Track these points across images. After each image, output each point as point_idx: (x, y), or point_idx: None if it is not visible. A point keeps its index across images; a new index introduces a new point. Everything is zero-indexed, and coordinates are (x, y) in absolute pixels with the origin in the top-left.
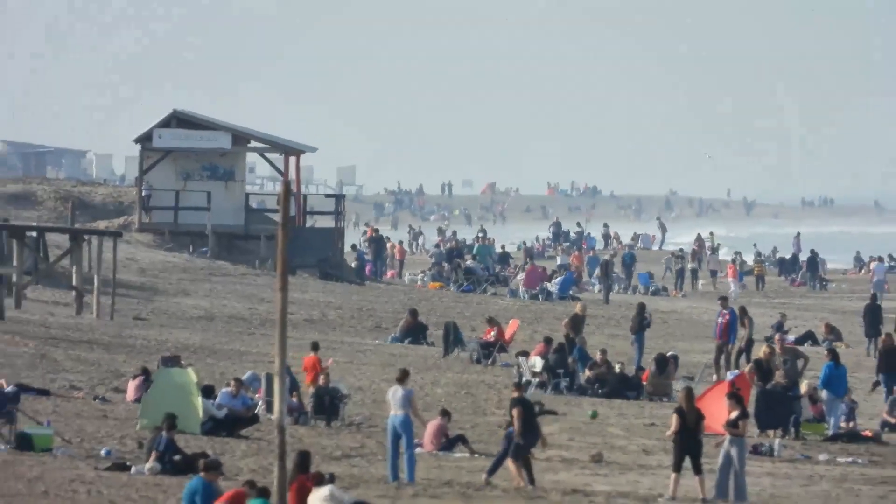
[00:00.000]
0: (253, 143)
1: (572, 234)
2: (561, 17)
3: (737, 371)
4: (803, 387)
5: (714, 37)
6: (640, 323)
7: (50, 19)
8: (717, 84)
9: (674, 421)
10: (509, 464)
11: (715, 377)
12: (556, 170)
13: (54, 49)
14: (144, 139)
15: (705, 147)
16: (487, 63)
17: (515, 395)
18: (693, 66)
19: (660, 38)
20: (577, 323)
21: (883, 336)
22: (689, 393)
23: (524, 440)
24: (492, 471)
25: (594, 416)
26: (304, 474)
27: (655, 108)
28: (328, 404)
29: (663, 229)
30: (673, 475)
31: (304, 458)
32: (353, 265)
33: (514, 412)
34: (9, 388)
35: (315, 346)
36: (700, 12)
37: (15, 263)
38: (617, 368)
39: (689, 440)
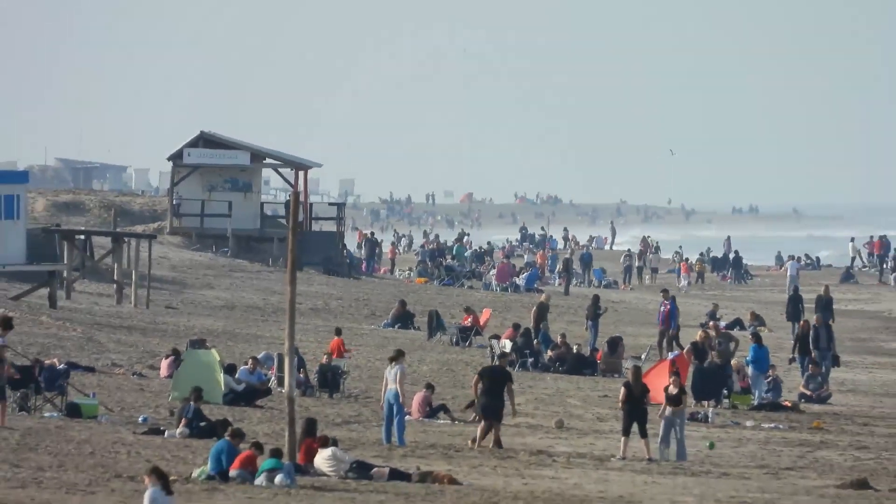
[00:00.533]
0: (268, 160)
1: (537, 237)
2: (522, 41)
3: (677, 351)
4: (734, 364)
5: (665, 57)
6: (595, 311)
7: (93, 48)
8: (666, 105)
9: (622, 393)
10: (480, 426)
11: (658, 357)
12: (524, 182)
13: (99, 75)
14: (176, 156)
15: (653, 161)
16: (462, 91)
17: (498, 363)
18: (642, 85)
19: (614, 60)
20: (541, 311)
21: (801, 322)
22: (636, 370)
23: (483, 400)
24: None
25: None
26: (311, 437)
27: (610, 125)
28: (330, 379)
29: (613, 233)
30: (623, 439)
31: (311, 425)
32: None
33: (476, 379)
34: (61, 366)
35: (338, 331)
36: (653, 30)
37: (66, 261)
38: (575, 349)
39: (635, 409)
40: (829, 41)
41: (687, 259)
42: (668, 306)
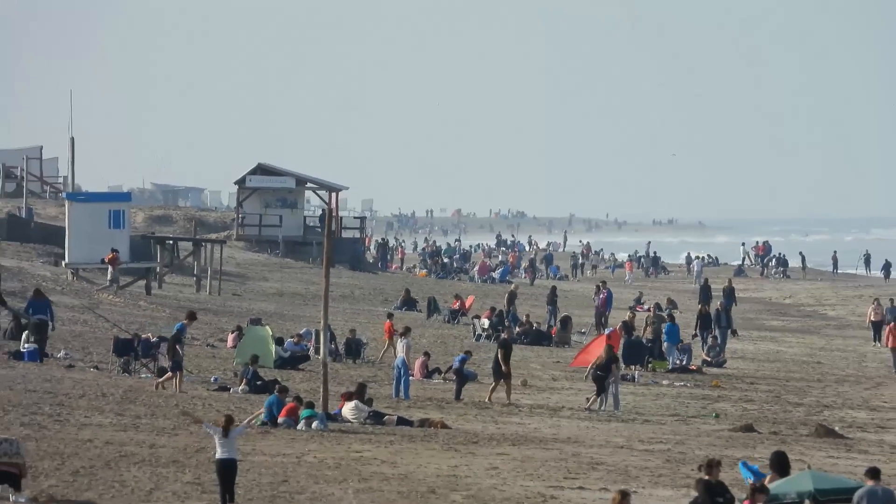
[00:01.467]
0: (309, 185)
1: (509, 242)
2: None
3: (611, 328)
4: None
5: (605, 87)
6: (553, 298)
7: (180, 98)
8: (602, 133)
9: (594, 364)
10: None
11: (597, 332)
12: (499, 200)
13: (183, 117)
14: (240, 181)
15: (595, 184)
16: (456, 130)
17: (504, 336)
18: (592, 119)
19: (570, 88)
20: (511, 297)
21: (700, 306)
22: (609, 350)
23: (497, 366)
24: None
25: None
26: (360, 397)
27: (564, 154)
28: (354, 349)
29: (565, 239)
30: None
31: (361, 388)
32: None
33: (500, 351)
34: (154, 339)
35: (390, 315)
36: (605, 54)
37: (158, 260)
38: (535, 326)
39: (601, 377)
40: (733, 76)
41: (630, 258)
42: (606, 294)
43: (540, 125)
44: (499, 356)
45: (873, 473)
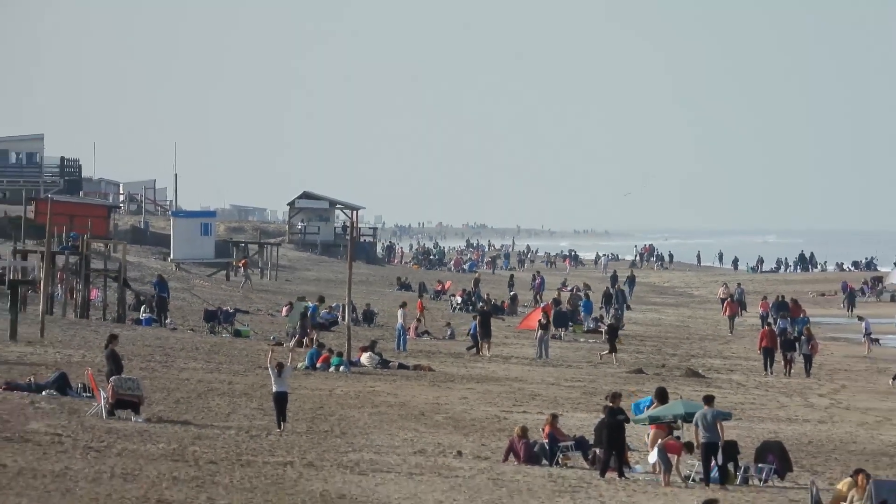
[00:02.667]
0: (338, 206)
1: (474, 244)
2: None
3: (544, 302)
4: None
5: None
6: (510, 282)
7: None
8: (541, 155)
9: (540, 323)
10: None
11: (534, 305)
12: (468, 214)
13: (248, 154)
14: (291, 203)
15: (536, 203)
16: (440, 157)
17: (484, 308)
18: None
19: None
20: (476, 282)
21: (606, 287)
22: (546, 315)
23: (480, 330)
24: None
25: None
26: (363, 347)
27: (515, 176)
28: (368, 317)
29: (513, 243)
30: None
31: (373, 343)
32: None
33: (478, 318)
34: (231, 310)
35: (420, 294)
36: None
37: (234, 257)
38: (493, 302)
39: (544, 336)
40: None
41: (567, 256)
42: (540, 280)
43: (495, 159)
44: (478, 323)
45: (707, 400)
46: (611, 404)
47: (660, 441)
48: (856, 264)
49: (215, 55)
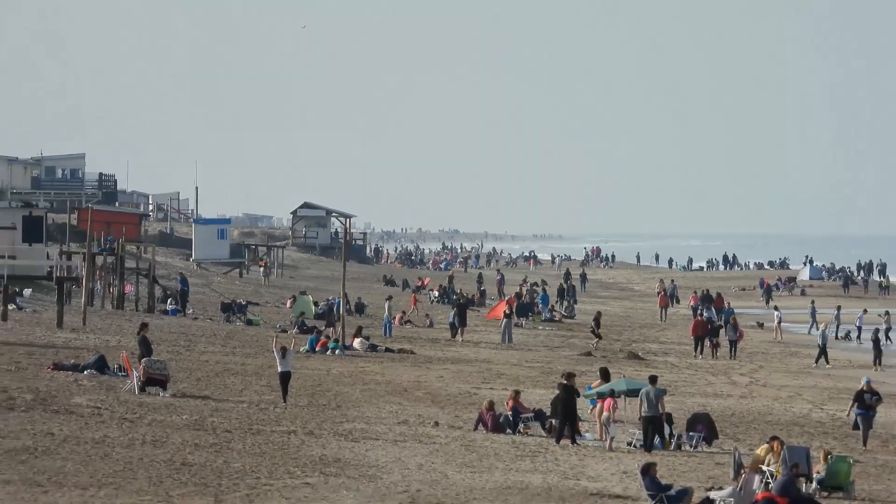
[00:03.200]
0: (333, 214)
1: (449, 247)
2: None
3: (508, 296)
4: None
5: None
6: (479, 279)
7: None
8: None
9: (504, 315)
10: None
11: (499, 298)
12: (443, 221)
13: (257, 169)
14: (294, 212)
15: (502, 212)
16: (425, 163)
17: (461, 301)
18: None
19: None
20: (451, 279)
21: (560, 283)
22: (510, 307)
23: (457, 319)
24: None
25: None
26: (355, 333)
27: (483, 185)
28: (359, 308)
29: (481, 245)
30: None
31: (359, 329)
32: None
33: (456, 310)
34: (244, 302)
35: (416, 291)
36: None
37: (245, 257)
38: (466, 296)
39: (508, 324)
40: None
41: (529, 257)
42: (500, 277)
43: (466, 174)
44: (455, 313)
45: (652, 380)
46: (565, 382)
47: (605, 413)
48: (771, 263)
49: (231, 88)
